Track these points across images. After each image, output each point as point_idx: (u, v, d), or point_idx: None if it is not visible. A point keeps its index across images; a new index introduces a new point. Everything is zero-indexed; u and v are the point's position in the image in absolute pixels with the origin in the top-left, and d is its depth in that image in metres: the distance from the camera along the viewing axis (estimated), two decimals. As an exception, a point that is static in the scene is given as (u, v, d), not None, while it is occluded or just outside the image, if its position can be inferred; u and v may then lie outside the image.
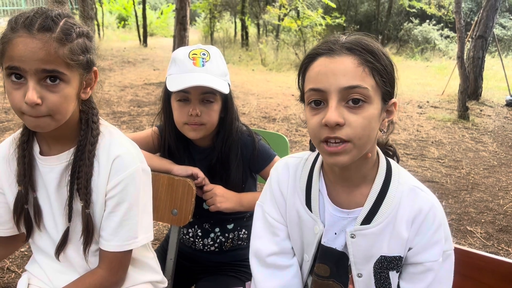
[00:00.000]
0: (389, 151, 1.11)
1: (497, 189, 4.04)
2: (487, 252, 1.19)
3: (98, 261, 1.18)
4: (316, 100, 0.92)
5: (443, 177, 4.27)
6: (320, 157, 1.09)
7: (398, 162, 1.09)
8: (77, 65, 1.02)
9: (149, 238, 1.20)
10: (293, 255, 1.13)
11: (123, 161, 1.12)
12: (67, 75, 1.00)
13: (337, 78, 0.88)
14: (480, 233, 3.19)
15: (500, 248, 3.00)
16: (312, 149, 1.13)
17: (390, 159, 1.07)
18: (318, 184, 1.06)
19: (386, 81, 0.93)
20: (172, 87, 1.35)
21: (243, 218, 1.59)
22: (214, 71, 1.38)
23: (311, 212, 1.05)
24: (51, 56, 0.96)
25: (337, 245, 1.04)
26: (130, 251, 1.17)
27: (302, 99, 1.01)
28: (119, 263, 1.16)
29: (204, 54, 1.39)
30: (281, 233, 1.12)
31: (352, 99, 0.89)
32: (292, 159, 1.14)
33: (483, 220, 3.39)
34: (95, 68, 1.10)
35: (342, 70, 0.89)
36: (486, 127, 6.29)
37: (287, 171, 1.12)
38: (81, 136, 1.12)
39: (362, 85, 0.88)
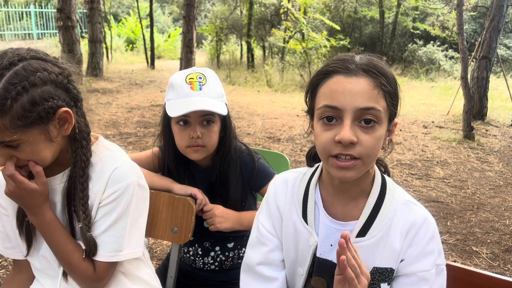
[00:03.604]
0: (381, 166, 1.14)
1: (503, 209, 4.01)
2: (493, 273, 1.19)
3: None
4: (329, 116, 0.95)
5: (448, 197, 4.25)
6: (317, 171, 1.12)
7: (389, 176, 1.12)
8: (27, 126, 0.96)
9: (136, 253, 1.20)
10: (281, 268, 1.14)
11: (121, 172, 1.14)
12: (21, 139, 0.97)
13: (354, 98, 0.92)
14: (486, 253, 3.16)
15: (506, 268, 2.96)
16: (309, 165, 1.16)
17: (385, 176, 1.10)
18: (314, 196, 1.08)
19: (395, 104, 0.98)
20: (172, 113, 1.38)
21: (243, 237, 1.60)
22: (211, 93, 1.42)
23: (307, 224, 1.07)
24: None
25: (333, 257, 1.06)
26: (116, 263, 1.18)
27: (309, 112, 1.05)
28: (104, 271, 1.17)
29: (200, 78, 1.42)
30: (269, 244, 1.13)
31: (365, 119, 0.93)
32: (291, 174, 1.17)
33: (488, 241, 3.36)
34: (63, 109, 1.03)
35: (359, 91, 0.92)
36: (492, 147, 6.26)
37: (285, 185, 1.15)
38: (73, 163, 1.12)
39: (376, 107, 0.93)
